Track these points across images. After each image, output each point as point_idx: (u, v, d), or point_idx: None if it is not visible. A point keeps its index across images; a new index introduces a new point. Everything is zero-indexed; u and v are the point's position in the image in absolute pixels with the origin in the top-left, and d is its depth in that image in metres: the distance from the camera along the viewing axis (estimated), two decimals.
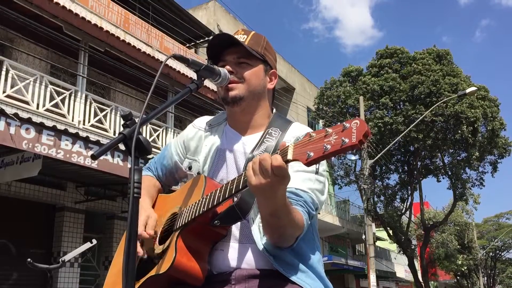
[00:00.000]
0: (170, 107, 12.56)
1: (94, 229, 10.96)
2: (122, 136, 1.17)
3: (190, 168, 1.60)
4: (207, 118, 1.69)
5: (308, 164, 1.09)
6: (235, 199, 1.38)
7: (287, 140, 1.47)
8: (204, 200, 1.36)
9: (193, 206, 1.39)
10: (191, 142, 1.63)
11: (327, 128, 1.09)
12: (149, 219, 1.45)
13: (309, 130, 1.52)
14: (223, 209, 1.38)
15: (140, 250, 1.39)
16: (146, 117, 1.24)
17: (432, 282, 33.67)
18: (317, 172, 1.41)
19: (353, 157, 16.42)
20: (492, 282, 45.17)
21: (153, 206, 1.62)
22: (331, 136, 1.06)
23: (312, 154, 1.08)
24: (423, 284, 22.88)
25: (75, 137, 8.03)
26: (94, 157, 1.15)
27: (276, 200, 1.19)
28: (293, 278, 1.34)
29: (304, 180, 1.38)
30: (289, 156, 1.12)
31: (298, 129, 1.53)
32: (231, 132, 1.57)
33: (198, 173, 1.55)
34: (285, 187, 1.18)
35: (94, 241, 3.74)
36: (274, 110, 1.63)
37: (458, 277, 40.04)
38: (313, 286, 1.35)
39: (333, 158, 1.07)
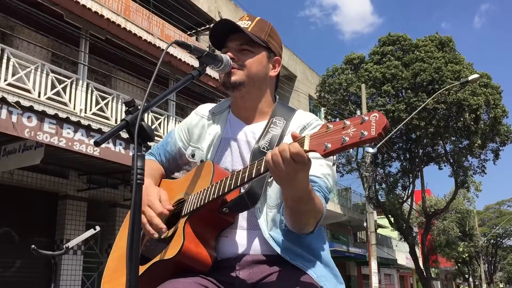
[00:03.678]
0: (172, 95, 12.56)
1: (96, 217, 11.01)
2: (125, 122, 1.17)
3: (193, 155, 1.59)
4: (210, 106, 1.68)
5: (325, 155, 1.10)
6: (242, 189, 1.38)
7: (292, 129, 1.48)
8: (213, 187, 1.36)
9: (201, 193, 1.39)
10: (194, 130, 1.62)
11: (344, 120, 1.09)
12: (161, 194, 1.43)
13: (314, 116, 1.53)
14: (232, 197, 1.39)
15: (163, 226, 1.36)
16: (149, 103, 1.24)
17: (433, 269, 33.88)
18: (334, 164, 1.43)
19: (371, 150, 16.36)
20: (493, 269, 45.42)
21: None
22: (349, 128, 1.07)
23: (329, 145, 1.09)
24: (424, 271, 23.00)
25: (77, 125, 8.03)
26: (97, 144, 1.15)
27: (300, 186, 1.20)
28: (300, 266, 1.35)
29: (316, 166, 1.38)
30: (306, 147, 1.13)
31: (302, 117, 1.53)
32: (234, 120, 1.57)
33: (202, 161, 1.55)
34: (307, 174, 1.19)
35: (98, 228, 3.75)
36: (278, 98, 1.62)
37: (459, 264, 40.27)
38: (319, 273, 1.35)
39: (351, 150, 1.08)
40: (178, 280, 1.34)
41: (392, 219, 22.89)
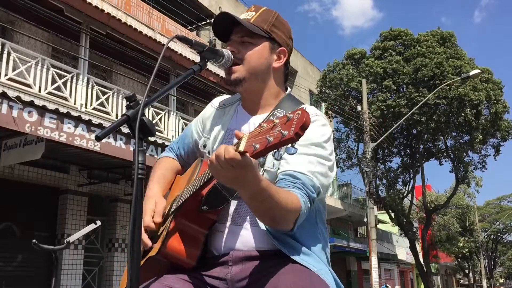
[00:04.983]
0: (173, 90, 12.52)
1: (97, 212, 11.03)
2: (126, 117, 1.17)
3: (204, 146, 1.60)
4: (223, 98, 1.69)
5: (254, 156, 1.03)
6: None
7: None
8: (191, 185, 1.39)
9: (185, 191, 1.42)
10: (207, 121, 1.64)
11: (274, 119, 1.03)
12: (157, 206, 1.44)
13: (315, 111, 1.49)
14: (207, 191, 1.38)
15: (147, 242, 1.38)
16: (150, 98, 1.24)
17: (433, 264, 33.93)
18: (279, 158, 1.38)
19: (292, 150, 16.22)
20: (493, 265, 45.51)
21: (170, 188, 1.63)
22: (276, 128, 1.00)
23: (257, 146, 1.01)
24: (424, 266, 23.05)
25: (78, 120, 8.02)
26: (98, 138, 1.14)
27: (251, 187, 1.14)
28: (295, 258, 1.32)
29: (304, 162, 1.35)
30: (241, 148, 1.05)
31: None
32: (242, 112, 1.57)
33: (209, 152, 1.56)
34: (253, 175, 1.12)
35: (99, 223, 3.74)
36: (289, 90, 1.60)
37: (459, 260, 40.36)
38: (318, 267, 1.32)
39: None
40: (165, 277, 1.37)
41: (392, 215, 22.92)
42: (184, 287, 1.33)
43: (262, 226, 1.37)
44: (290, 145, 0.98)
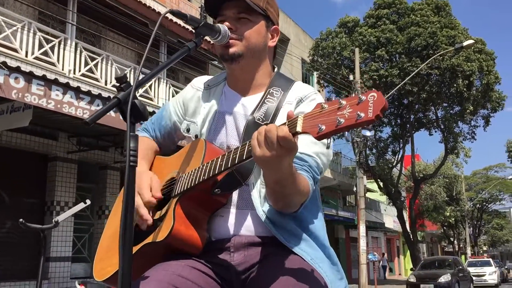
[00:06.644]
0: (163, 58, 12.32)
1: (87, 179, 11.00)
2: (117, 100, 1.09)
3: (188, 130, 1.52)
4: (205, 78, 1.60)
5: (319, 138, 1.02)
6: None
7: (289, 100, 1.41)
8: (204, 167, 1.30)
9: (192, 173, 1.33)
10: (190, 103, 1.55)
11: (340, 100, 1.01)
12: (152, 181, 1.37)
13: (312, 89, 1.46)
14: (222, 175, 1.32)
15: (148, 218, 1.31)
16: (142, 79, 1.16)
17: (419, 232, 34.59)
18: (328, 147, 1.35)
19: (368, 133, 16.21)
20: (478, 233, 46.56)
21: (150, 169, 1.54)
22: (345, 109, 0.99)
23: (323, 127, 1.00)
24: (410, 234, 23.48)
25: (66, 87, 7.87)
26: (87, 124, 1.08)
27: (282, 171, 1.13)
28: (294, 248, 1.30)
29: (308, 143, 1.32)
30: (298, 128, 1.04)
31: (300, 89, 1.45)
32: (230, 93, 1.49)
33: (196, 136, 1.48)
34: (292, 158, 1.13)
35: (88, 202, 3.69)
36: (276, 69, 1.54)
37: (444, 228, 41.15)
38: (313, 256, 1.31)
39: (346, 132, 1.00)
40: (170, 263, 1.29)
41: (381, 184, 23.16)
42: (191, 274, 1.27)
43: (261, 213, 1.32)
44: (364, 126, 0.98)
